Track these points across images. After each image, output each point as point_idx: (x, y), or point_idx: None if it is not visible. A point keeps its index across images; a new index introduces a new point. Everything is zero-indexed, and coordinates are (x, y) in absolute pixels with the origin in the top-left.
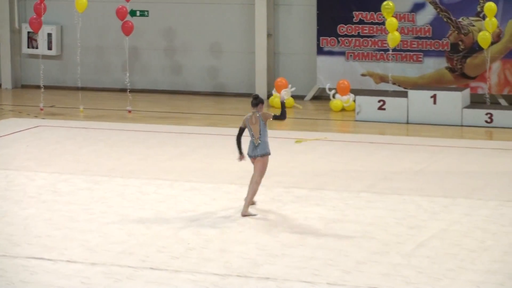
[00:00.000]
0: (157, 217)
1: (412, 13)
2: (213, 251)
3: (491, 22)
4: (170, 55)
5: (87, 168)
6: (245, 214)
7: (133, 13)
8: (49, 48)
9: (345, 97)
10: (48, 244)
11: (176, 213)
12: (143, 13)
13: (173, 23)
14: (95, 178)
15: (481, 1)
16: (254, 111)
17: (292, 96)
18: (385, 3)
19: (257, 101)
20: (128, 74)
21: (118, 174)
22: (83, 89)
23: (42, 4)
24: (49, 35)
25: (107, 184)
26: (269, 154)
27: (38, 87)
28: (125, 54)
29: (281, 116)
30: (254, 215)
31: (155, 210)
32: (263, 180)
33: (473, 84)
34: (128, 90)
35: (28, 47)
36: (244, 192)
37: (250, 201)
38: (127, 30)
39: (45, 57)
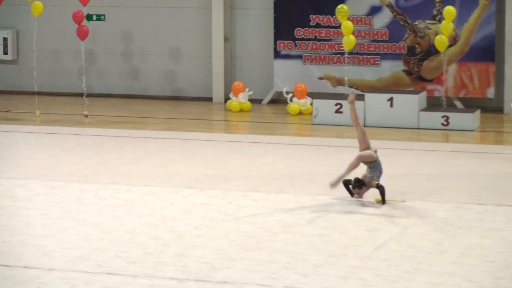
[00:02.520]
0: (115, 221)
1: (369, 17)
2: (170, 255)
3: (448, 25)
4: (127, 59)
5: (43, 173)
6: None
7: (89, 17)
8: (5, 52)
9: (302, 101)
10: (5, 250)
11: (133, 217)
12: (99, 18)
13: (130, 27)
14: (52, 183)
15: (437, 4)
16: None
17: (250, 100)
18: (339, 6)
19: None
20: (84, 79)
21: (75, 179)
22: (39, 93)
23: None
24: (5, 39)
25: (64, 189)
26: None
27: None
28: (82, 58)
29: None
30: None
31: (112, 214)
32: (221, 184)
33: (429, 87)
34: (85, 95)
35: None
36: (201, 196)
37: (341, 176)
38: (82, 34)
39: (0, 61)
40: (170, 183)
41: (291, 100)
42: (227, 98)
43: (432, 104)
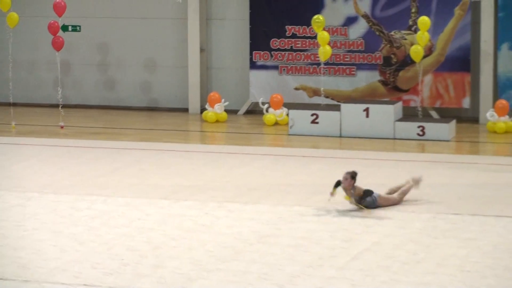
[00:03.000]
0: (91, 233)
1: (345, 27)
2: (147, 266)
3: (423, 36)
4: (103, 70)
5: (19, 184)
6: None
7: (65, 28)
8: None
9: (278, 111)
10: None
11: (109, 228)
12: (75, 28)
13: (106, 38)
14: (28, 194)
15: (413, 15)
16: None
17: (226, 111)
18: (315, 17)
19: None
20: (60, 90)
21: (51, 190)
22: (14, 104)
23: None
24: None
25: (40, 200)
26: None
27: None
28: (57, 69)
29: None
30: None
31: (88, 226)
32: (197, 195)
33: (405, 97)
34: (61, 106)
35: None
36: (177, 207)
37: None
38: (57, 45)
39: None
40: (146, 194)
41: (267, 111)
42: (203, 109)
43: (408, 114)
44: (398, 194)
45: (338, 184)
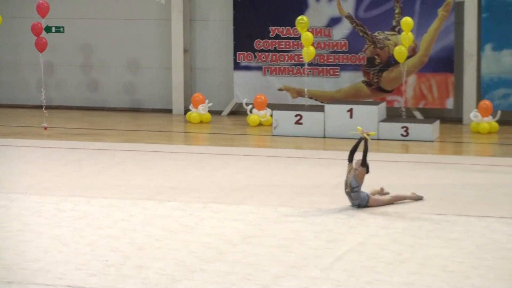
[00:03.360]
0: (74, 234)
1: (329, 28)
2: (131, 267)
3: (407, 37)
4: (87, 71)
5: (2, 185)
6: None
7: (48, 29)
8: None
9: (262, 112)
10: None
11: (93, 229)
12: (58, 29)
13: (90, 39)
14: (11, 195)
15: (396, 16)
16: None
17: (210, 112)
18: (299, 17)
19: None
20: (43, 91)
21: (35, 191)
22: None
23: None
24: None
25: (23, 201)
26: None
27: None
28: (41, 70)
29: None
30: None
31: (72, 227)
32: (181, 195)
33: (389, 97)
34: (44, 107)
35: None
36: (161, 207)
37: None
38: (40, 46)
39: None
40: (130, 195)
41: (251, 112)
42: (187, 110)
43: (392, 115)
44: (390, 197)
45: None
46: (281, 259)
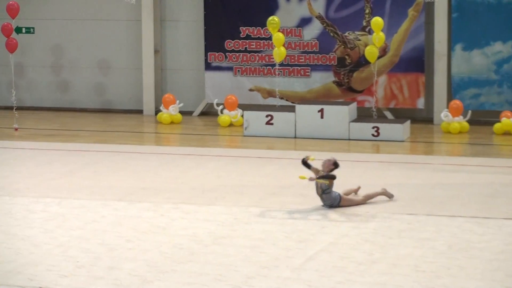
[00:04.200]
0: (45, 235)
1: (299, 28)
2: (102, 268)
3: (378, 37)
4: (57, 72)
5: None
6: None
7: (18, 30)
8: None
9: (233, 112)
10: None
11: (64, 231)
12: (28, 30)
13: (60, 40)
14: None
15: (367, 16)
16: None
17: (180, 112)
18: (270, 18)
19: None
20: (14, 92)
21: (5, 193)
22: None
23: None
24: None
25: None
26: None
27: None
28: (11, 71)
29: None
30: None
31: (43, 228)
32: (152, 196)
33: (360, 98)
34: (15, 108)
35: None
36: (132, 208)
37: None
38: (11, 47)
39: None
40: (101, 196)
41: (221, 112)
42: (157, 111)
43: (363, 115)
44: (363, 197)
45: (305, 164)
46: (252, 259)
